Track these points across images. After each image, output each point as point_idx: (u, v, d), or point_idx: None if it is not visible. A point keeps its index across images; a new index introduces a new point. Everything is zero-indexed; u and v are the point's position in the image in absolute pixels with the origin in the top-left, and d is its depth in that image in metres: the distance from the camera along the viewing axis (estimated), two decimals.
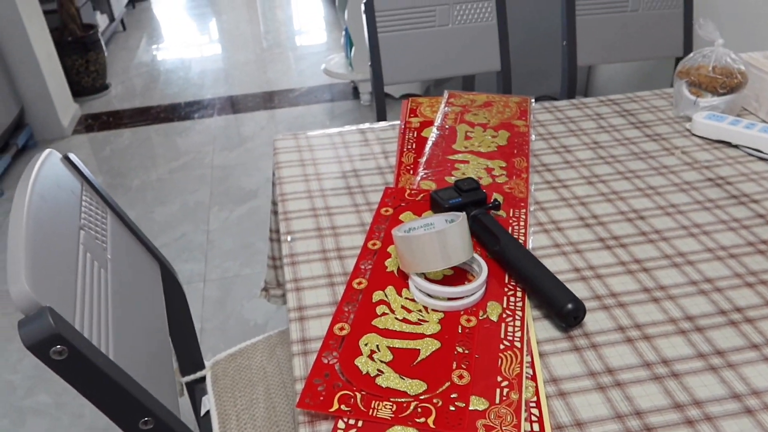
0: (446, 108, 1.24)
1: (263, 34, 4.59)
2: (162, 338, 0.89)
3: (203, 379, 1.09)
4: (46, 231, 0.66)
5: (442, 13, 1.63)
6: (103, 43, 3.59)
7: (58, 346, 0.54)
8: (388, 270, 0.80)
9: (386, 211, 0.93)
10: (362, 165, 1.08)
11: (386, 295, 0.76)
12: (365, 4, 1.57)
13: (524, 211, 0.93)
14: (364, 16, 1.57)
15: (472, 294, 0.74)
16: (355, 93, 3.41)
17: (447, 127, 1.17)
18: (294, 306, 0.76)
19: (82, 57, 3.41)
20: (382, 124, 1.22)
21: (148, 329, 0.83)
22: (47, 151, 0.79)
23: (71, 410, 1.62)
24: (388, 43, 1.60)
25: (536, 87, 2.87)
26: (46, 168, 0.75)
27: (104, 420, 1.58)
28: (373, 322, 0.72)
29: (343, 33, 3.35)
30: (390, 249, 0.85)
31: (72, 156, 0.83)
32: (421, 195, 0.97)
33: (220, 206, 2.45)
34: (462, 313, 0.73)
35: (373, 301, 0.75)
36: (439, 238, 0.73)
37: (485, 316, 0.72)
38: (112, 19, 4.41)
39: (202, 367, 1.11)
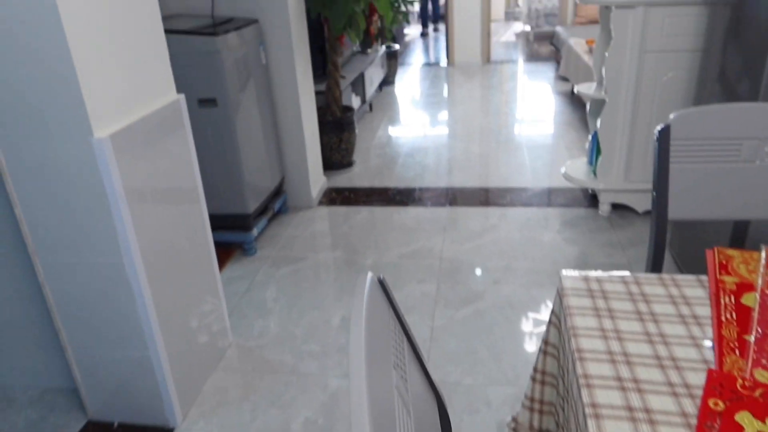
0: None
1: (499, 128, 4.65)
2: None
3: None
4: (376, 377, 0.63)
5: (749, 147, 1.43)
6: (355, 124, 3.92)
7: None
8: None
9: (715, 404, 0.77)
10: (670, 330, 0.93)
11: None
12: (660, 131, 1.44)
13: None
14: (656, 144, 1.44)
15: None
16: (592, 200, 3.24)
17: None
18: None
19: (338, 136, 3.74)
20: (688, 277, 1.07)
21: None
22: (369, 275, 0.78)
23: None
24: (680, 174, 1.45)
25: None
26: (370, 294, 0.74)
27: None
28: None
29: (590, 138, 3.23)
30: None
31: (383, 280, 0.82)
32: (759, 390, 0.79)
33: (446, 302, 2.42)
34: None
35: None
36: None
37: None
38: (363, 101, 4.83)
39: None
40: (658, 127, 1.43)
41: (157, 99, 1.74)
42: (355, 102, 4.51)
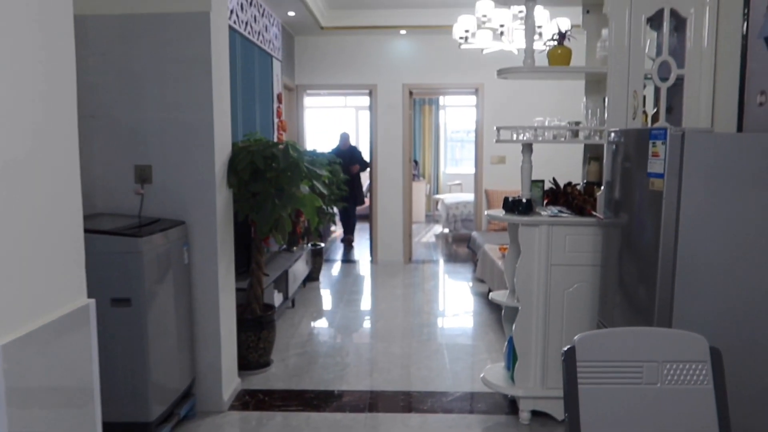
0: None
1: (420, 327, 4.70)
2: None
3: None
4: None
5: (650, 370, 1.51)
6: (275, 322, 3.86)
7: None
8: None
9: None
10: None
11: None
12: (566, 351, 1.51)
13: None
14: (563, 365, 1.49)
15: None
16: (512, 406, 3.21)
17: None
18: None
19: (256, 334, 3.65)
20: None
21: None
22: None
23: None
24: (588, 396, 1.48)
25: None
26: None
27: None
28: None
29: (506, 344, 3.31)
30: None
31: None
32: None
33: None
34: None
35: None
36: None
37: None
38: (286, 297, 4.83)
39: None
40: (564, 349, 1.49)
41: (65, 305, 1.66)
42: (278, 299, 4.50)
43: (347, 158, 7.49)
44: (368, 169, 7.51)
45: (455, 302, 5.81)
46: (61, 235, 1.67)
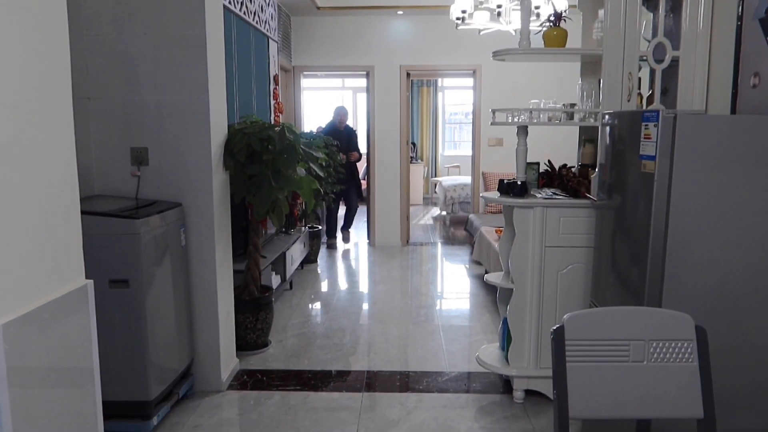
0: None
1: (417, 309, 4.75)
2: None
3: None
4: None
5: (636, 348, 1.54)
6: (273, 304, 3.90)
7: None
8: None
9: None
10: None
11: None
12: (555, 330, 1.54)
13: None
14: (552, 344, 1.52)
15: None
16: (507, 386, 3.26)
17: None
18: None
19: (254, 315, 3.69)
20: None
21: None
22: None
23: None
24: (576, 373, 1.52)
25: None
26: None
27: None
28: None
29: (501, 324, 3.35)
30: None
31: None
32: None
33: None
34: None
35: None
36: None
37: None
38: (284, 279, 4.86)
39: None
40: (553, 328, 1.52)
41: (63, 285, 1.69)
42: (275, 281, 4.53)
43: (344, 140, 6.73)
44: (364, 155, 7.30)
45: (452, 284, 5.85)
46: (59, 216, 1.69)
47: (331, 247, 7.18)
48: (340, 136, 6.63)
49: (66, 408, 1.71)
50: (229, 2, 4.34)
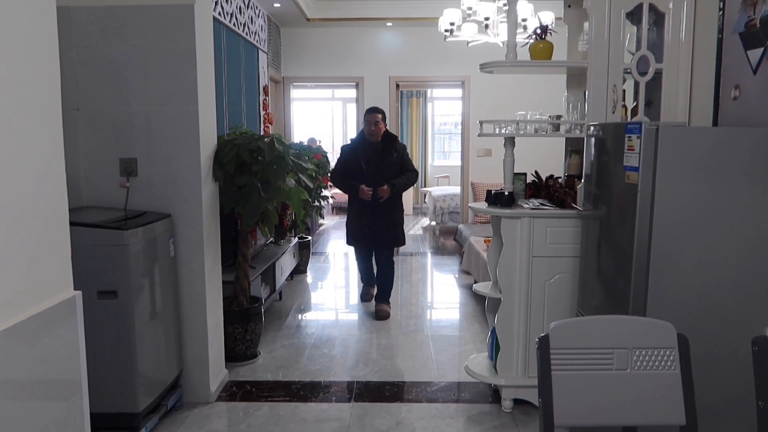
0: None
1: (407, 319, 4.75)
2: None
3: None
4: None
5: (620, 356, 1.56)
6: (262, 314, 3.90)
7: None
8: None
9: None
10: None
11: None
12: (540, 339, 1.56)
13: None
14: (537, 353, 1.54)
15: None
16: (496, 395, 3.28)
17: None
18: None
19: (243, 326, 3.68)
20: None
21: None
22: None
23: None
24: (561, 381, 1.54)
25: None
26: None
27: None
28: None
29: (489, 334, 3.36)
30: None
31: None
32: None
33: None
34: None
35: None
36: None
37: None
38: (273, 290, 4.86)
39: None
40: (538, 337, 1.55)
41: (51, 296, 1.69)
42: (264, 292, 4.53)
43: (375, 160, 4.47)
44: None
45: (442, 294, 5.87)
46: (47, 227, 1.69)
47: (367, 298, 5.12)
48: (370, 153, 4.46)
49: (53, 420, 1.70)
50: (219, 14, 4.37)
